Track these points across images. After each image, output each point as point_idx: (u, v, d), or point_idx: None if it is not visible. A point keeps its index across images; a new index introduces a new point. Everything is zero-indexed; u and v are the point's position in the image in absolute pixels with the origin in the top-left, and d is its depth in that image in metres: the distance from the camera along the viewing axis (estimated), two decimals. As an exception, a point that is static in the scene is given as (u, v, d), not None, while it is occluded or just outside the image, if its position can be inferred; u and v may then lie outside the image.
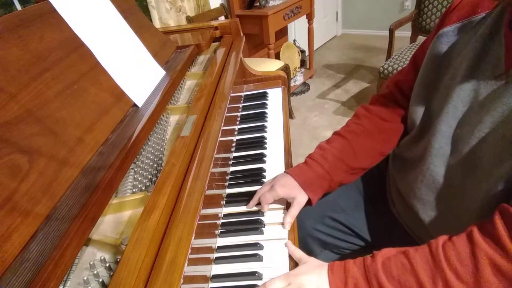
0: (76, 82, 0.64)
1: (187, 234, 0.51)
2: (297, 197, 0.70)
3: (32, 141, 0.51)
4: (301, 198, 0.71)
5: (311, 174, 0.73)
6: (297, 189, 0.71)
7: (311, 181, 0.72)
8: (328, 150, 0.76)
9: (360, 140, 0.76)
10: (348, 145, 0.76)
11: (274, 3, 2.48)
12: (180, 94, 0.97)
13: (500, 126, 0.53)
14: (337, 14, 4.26)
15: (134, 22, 0.90)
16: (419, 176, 0.68)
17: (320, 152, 0.76)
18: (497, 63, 0.55)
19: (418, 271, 0.51)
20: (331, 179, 0.73)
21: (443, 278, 0.49)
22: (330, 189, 0.76)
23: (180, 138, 0.67)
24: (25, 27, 0.60)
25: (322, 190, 0.73)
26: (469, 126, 0.58)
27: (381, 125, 0.78)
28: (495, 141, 0.54)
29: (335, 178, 0.74)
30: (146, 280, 0.44)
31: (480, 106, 0.57)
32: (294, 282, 0.56)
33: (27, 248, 0.43)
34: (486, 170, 0.55)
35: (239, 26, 1.25)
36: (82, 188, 0.52)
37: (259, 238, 0.68)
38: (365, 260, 0.56)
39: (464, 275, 0.48)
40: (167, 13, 2.04)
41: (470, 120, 0.58)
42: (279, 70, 1.30)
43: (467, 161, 0.58)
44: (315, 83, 3.21)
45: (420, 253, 0.52)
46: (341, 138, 0.78)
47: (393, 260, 0.54)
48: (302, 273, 0.57)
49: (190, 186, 0.59)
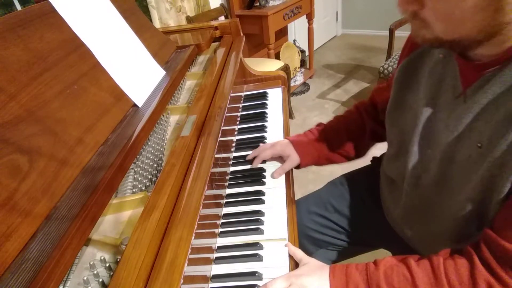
0: (76, 82, 0.64)
1: (187, 234, 0.51)
2: (291, 156, 0.85)
3: (32, 141, 0.51)
4: (294, 157, 0.85)
5: (305, 141, 0.87)
6: (292, 150, 0.85)
7: (303, 146, 0.86)
8: (323, 126, 0.90)
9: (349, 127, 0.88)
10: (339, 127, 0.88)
11: (274, 3, 2.48)
12: (180, 94, 0.97)
13: (465, 146, 0.54)
14: (337, 14, 4.26)
15: (134, 22, 0.90)
16: (398, 194, 0.72)
17: (317, 127, 0.91)
18: (455, 83, 0.57)
19: (418, 285, 0.53)
20: (320, 150, 0.87)
21: None
22: (319, 160, 0.88)
23: (180, 138, 0.67)
24: (25, 27, 0.60)
25: (311, 158, 0.86)
26: (438, 147, 0.59)
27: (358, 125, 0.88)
28: (462, 161, 0.55)
29: (323, 151, 0.87)
30: (146, 280, 0.44)
31: (445, 127, 0.58)
32: (295, 283, 0.57)
33: (27, 248, 0.43)
34: (456, 189, 0.57)
35: (239, 26, 1.25)
36: (82, 188, 0.51)
37: (259, 238, 0.68)
38: (368, 267, 0.57)
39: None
40: (167, 13, 2.04)
41: (438, 140, 0.60)
42: (279, 70, 1.30)
43: (439, 181, 0.60)
44: (315, 83, 3.21)
45: (421, 267, 0.54)
46: (336, 120, 0.90)
47: (395, 270, 0.55)
48: (303, 275, 0.58)
49: (190, 186, 0.59)
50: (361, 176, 0.94)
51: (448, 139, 0.57)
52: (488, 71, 0.51)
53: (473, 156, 0.53)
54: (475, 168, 0.52)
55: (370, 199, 0.87)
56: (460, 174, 0.56)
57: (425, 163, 0.63)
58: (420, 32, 0.51)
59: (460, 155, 0.55)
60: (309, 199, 0.92)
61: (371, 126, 0.86)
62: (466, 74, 0.55)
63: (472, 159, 0.53)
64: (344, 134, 0.87)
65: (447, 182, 0.58)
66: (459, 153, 0.55)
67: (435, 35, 0.49)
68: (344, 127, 0.87)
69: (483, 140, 0.51)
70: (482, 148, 0.51)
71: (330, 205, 0.88)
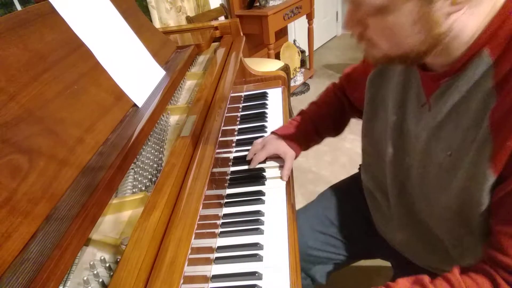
0: (76, 82, 0.64)
1: (187, 234, 0.51)
2: (286, 152, 0.85)
3: (32, 141, 0.51)
4: (290, 153, 0.85)
5: (293, 132, 0.87)
6: (285, 146, 0.85)
7: (294, 139, 0.86)
8: (307, 114, 0.91)
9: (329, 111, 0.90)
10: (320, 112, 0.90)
11: (274, 3, 2.48)
12: (180, 94, 0.97)
13: (435, 155, 0.55)
14: (337, 14, 4.25)
15: (134, 22, 0.90)
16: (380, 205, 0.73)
17: (301, 116, 0.92)
18: (419, 92, 0.59)
19: None
20: (309, 138, 0.89)
21: None
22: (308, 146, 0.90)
23: (180, 138, 0.67)
24: (25, 27, 0.60)
25: (300, 146, 0.87)
26: (414, 154, 0.61)
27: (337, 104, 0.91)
28: (435, 170, 0.56)
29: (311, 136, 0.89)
30: (146, 280, 0.44)
31: (414, 136, 0.60)
32: None
33: (27, 248, 0.43)
34: (435, 197, 0.57)
35: (239, 26, 1.25)
36: (82, 188, 0.51)
37: (259, 238, 0.68)
38: None
39: None
40: (167, 13, 2.04)
41: (413, 148, 0.61)
42: (279, 70, 1.30)
43: (419, 188, 0.61)
44: (315, 83, 3.21)
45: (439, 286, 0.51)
46: (315, 105, 0.92)
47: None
48: None
49: (190, 186, 0.59)
50: (350, 184, 0.94)
51: (419, 147, 0.58)
52: (445, 80, 0.52)
53: (444, 164, 0.54)
54: (448, 178, 0.53)
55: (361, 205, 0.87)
56: (436, 182, 0.56)
57: (405, 170, 0.64)
58: (370, 52, 0.53)
59: (432, 164, 0.56)
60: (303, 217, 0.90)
61: (348, 102, 0.89)
62: (427, 84, 0.57)
63: (444, 168, 0.54)
64: (328, 118, 0.90)
65: (428, 189, 0.59)
66: (431, 162, 0.56)
67: (384, 53, 0.51)
68: (326, 112, 0.90)
69: (453, 148, 0.52)
70: (452, 156, 0.52)
71: (326, 218, 0.88)
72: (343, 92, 0.90)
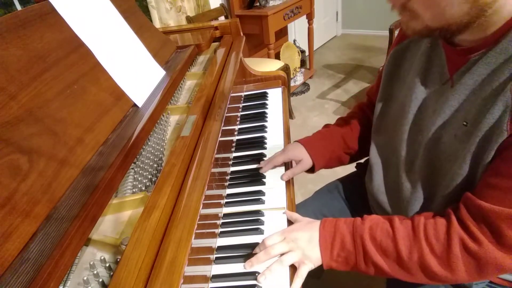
0: (76, 82, 0.64)
1: (187, 234, 0.51)
2: (303, 160, 0.83)
3: (32, 141, 0.51)
4: (307, 161, 0.83)
5: (316, 143, 0.85)
6: (304, 154, 0.83)
7: (316, 149, 0.84)
8: (332, 127, 0.89)
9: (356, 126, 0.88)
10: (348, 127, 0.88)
11: (274, 3, 2.48)
12: (180, 94, 0.97)
13: (451, 126, 0.58)
14: (337, 14, 4.25)
15: (134, 22, 0.90)
16: (392, 185, 0.73)
17: (325, 128, 0.90)
18: (442, 71, 0.61)
19: (398, 240, 0.57)
20: (332, 151, 0.85)
21: (418, 249, 0.55)
22: (330, 161, 0.86)
23: (180, 138, 0.67)
24: (25, 27, 0.60)
25: (323, 160, 0.85)
26: (426, 131, 0.63)
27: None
28: (449, 141, 0.59)
29: (336, 151, 0.86)
30: (146, 280, 0.44)
31: (433, 111, 0.62)
32: (289, 237, 0.63)
33: (27, 248, 0.43)
34: (444, 169, 0.60)
35: (239, 26, 1.25)
36: (82, 188, 0.51)
37: (259, 238, 0.68)
38: (355, 221, 0.62)
39: (437, 250, 0.55)
40: (167, 13, 2.04)
41: (426, 125, 0.63)
42: (279, 70, 1.30)
43: (429, 163, 0.63)
44: (315, 83, 3.21)
45: (403, 224, 0.59)
46: (343, 120, 0.91)
47: (380, 226, 0.60)
48: (296, 229, 0.65)
49: (190, 186, 0.59)
50: (347, 182, 0.94)
51: (436, 122, 0.60)
52: (474, 55, 0.54)
53: (458, 134, 0.56)
54: (461, 146, 0.56)
55: (357, 202, 0.88)
56: (446, 153, 0.59)
57: (416, 149, 0.66)
58: (410, 24, 0.55)
59: (446, 136, 0.59)
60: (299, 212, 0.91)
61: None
62: (453, 60, 0.59)
63: (458, 138, 0.56)
64: (353, 134, 0.87)
65: (436, 162, 0.62)
66: (445, 134, 0.59)
67: (424, 25, 0.53)
68: (353, 127, 0.88)
69: (469, 118, 0.54)
70: (468, 125, 0.55)
71: (321, 214, 0.88)
72: (368, 107, 0.90)
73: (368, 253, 0.58)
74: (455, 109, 0.57)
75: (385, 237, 0.58)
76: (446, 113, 0.59)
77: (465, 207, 0.54)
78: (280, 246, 0.62)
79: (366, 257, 0.59)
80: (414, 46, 0.68)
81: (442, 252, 0.54)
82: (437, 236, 0.55)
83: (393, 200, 0.74)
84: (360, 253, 0.59)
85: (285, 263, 0.61)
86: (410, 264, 0.56)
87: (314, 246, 0.61)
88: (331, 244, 0.61)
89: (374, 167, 0.78)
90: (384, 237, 0.58)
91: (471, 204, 0.53)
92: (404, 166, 0.69)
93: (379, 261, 0.58)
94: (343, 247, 0.60)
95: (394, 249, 0.57)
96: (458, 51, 0.57)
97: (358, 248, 0.59)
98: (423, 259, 0.55)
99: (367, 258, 0.59)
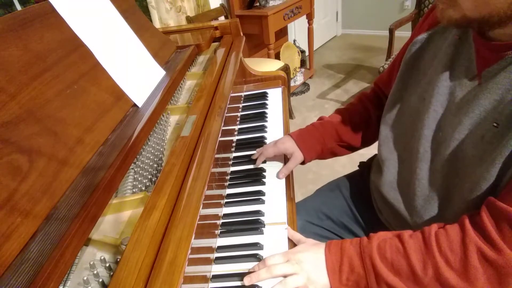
0: (76, 82, 0.64)
1: (187, 234, 0.51)
2: (294, 153, 0.83)
3: (32, 141, 0.51)
4: (297, 154, 0.83)
5: (307, 136, 0.84)
6: (295, 147, 0.83)
7: (306, 142, 0.83)
8: (326, 119, 0.88)
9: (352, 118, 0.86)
10: (343, 119, 0.86)
11: (274, 3, 2.48)
12: (180, 94, 0.97)
13: (478, 127, 0.54)
14: (337, 14, 4.26)
15: (134, 22, 0.90)
16: (406, 181, 0.70)
17: (319, 121, 0.88)
18: (469, 66, 0.57)
19: (410, 255, 0.53)
20: (324, 143, 0.84)
21: (433, 263, 0.51)
22: (323, 154, 0.86)
23: (180, 138, 0.67)
24: (25, 27, 0.60)
25: (315, 152, 0.84)
26: (449, 128, 0.59)
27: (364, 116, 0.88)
28: (474, 142, 0.55)
29: (328, 144, 0.85)
30: (146, 280, 0.44)
31: (457, 108, 0.58)
32: (293, 259, 0.60)
33: (27, 248, 0.43)
34: (468, 170, 0.56)
35: (239, 26, 1.25)
36: (82, 188, 0.51)
37: (259, 238, 0.68)
38: (362, 241, 0.59)
39: (453, 262, 0.51)
40: (167, 13, 2.04)
41: (450, 122, 0.59)
42: (279, 70, 1.30)
43: (450, 163, 0.60)
44: (315, 83, 3.21)
45: (414, 238, 0.55)
46: (339, 112, 0.89)
47: (388, 242, 0.57)
48: (300, 251, 0.61)
49: (190, 186, 0.59)
50: (349, 181, 0.93)
51: (461, 121, 0.56)
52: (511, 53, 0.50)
53: (487, 136, 0.52)
54: (489, 148, 0.52)
55: (359, 202, 0.87)
56: (472, 154, 0.55)
57: (436, 146, 0.62)
58: (447, 12, 0.51)
59: (471, 136, 0.55)
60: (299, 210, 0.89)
61: (378, 114, 0.85)
62: (484, 55, 0.54)
63: (486, 140, 0.52)
64: (348, 126, 0.85)
65: (459, 163, 0.58)
66: (471, 135, 0.55)
67: (462, 14, 0.49)
68: (348, 119, 0.86)
69: (501, 120, 0.50)
70: (499, 127, 0.51)
71: (321, 213, 0.88)
72: (370, 99, 0.88)
73: (380, 273, 0.54)
74: (484, 109, 0.53)
75: (396, 254, 0.55)
76: (475, 113, 0.54)
77: (488, 211, 0.50)
78: (284, 266, 0.58)
79: (378, 278, 0.55)
80: (440, 37, 0.63)
81: (459, 264, 0.50)
82: (451, 246, 0.51)
83: (406, 196, 0.70)
84: (371, 275, 0.55)
85: (288, 286, 0.57)
86: (426, 280, 0.52)
87: (320, 270, 0.58)
88: (339, 268, 0.57)
89: (386, 163, 0.74)
90: (394, 254, 0.55)
91: (496, 207, 0.49)
92: (421, 163, 0.65)
93: (393, 281, 0.54)
94: (352, 270, 0.57)
95: (407, 266, 0.53)
96: (491, 46, 0.52)
97: (368, 269, 0.55)
98: (439, 273, 0.51)
99: (379, 279, 0.55)
